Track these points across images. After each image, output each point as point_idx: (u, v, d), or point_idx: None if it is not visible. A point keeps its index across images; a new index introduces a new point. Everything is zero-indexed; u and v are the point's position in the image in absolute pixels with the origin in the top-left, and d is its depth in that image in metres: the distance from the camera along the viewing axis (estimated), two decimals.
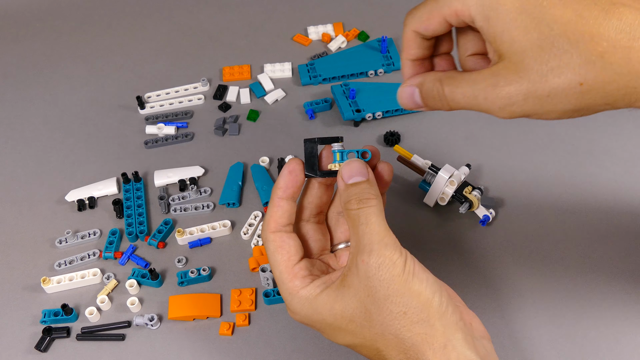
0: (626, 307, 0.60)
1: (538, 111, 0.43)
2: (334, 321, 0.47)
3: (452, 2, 0.44)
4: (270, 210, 0.50)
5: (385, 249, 0.44)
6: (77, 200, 0.72)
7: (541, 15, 0.41)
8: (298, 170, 0.50)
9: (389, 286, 0.44)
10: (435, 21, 0.46)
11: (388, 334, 0.45)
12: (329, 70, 0.83)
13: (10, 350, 0.61)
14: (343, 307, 0.46)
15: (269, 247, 0.50)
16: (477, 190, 0.67)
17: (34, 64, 0.90)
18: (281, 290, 0.49)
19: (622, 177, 0.71)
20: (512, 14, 0.42)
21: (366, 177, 0.47)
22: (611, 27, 0.39)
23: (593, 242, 0.65)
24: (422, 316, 0.44)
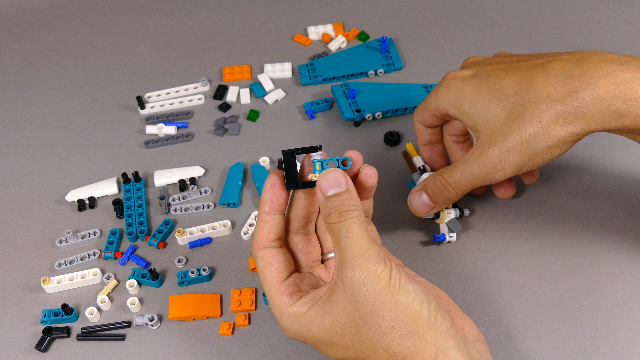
0: (626, 307, 0.60)
1: (525, 159, 0.54)
2: (325, 337, 0.47)
3: (432, 103, 0.61)
4: (258, 226, 0.50)
5: (368, 263, 0.44)
6: (77, 200, 0.72)
7: (494, 88, 0.55)
8: (280, 183, 0.49)
9: (375, 300, 0.44)
10: (427, 115, 0.62)
11: (378, 348, 0.45)
12: (329, 70, 0.83)
13: (10, 350, 0.61)
14: (332, 322, 0.46)
15: (258, 264, 0.50)
16: (457, 209, 0.64)
17: (34, 64, 0.90)
18: (271, 308, 0.50)
19: (622, 176, 0.71)
20: (472, 96, 0.56)
21: (345, 187, 0.46)
22: (549, 76, 0.53)
23: (593, 241, 0.65)
24: (411, 329, 0.44)
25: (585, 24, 0.89)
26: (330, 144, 0.76)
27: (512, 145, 0.53)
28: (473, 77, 0.57)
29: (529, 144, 0.53)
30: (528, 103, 0.53)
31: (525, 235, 0.66)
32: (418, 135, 0.66)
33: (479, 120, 0.55)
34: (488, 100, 0.55)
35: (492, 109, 0.54)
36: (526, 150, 0.53)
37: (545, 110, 0.52)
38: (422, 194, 0.60)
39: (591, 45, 0.67)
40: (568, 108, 0.52)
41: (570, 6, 0.92)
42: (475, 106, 0.55)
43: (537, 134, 0.53)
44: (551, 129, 0.53)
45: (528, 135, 0.53)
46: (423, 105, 0.62)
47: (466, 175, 0.56)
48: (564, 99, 0.52)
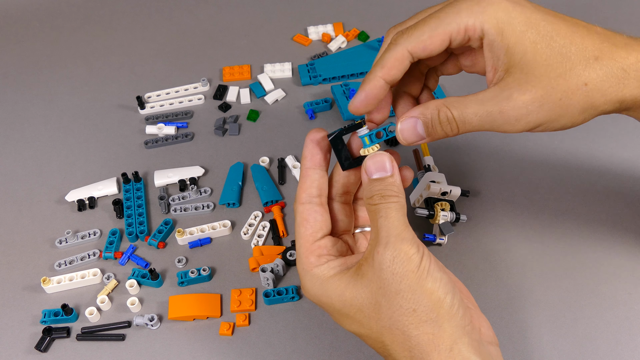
0: (626, 307, 0.61)
1: (552, 117, 0.46)
2: (342, 307, 0.47)
3: (462, 18, 0.45)
4: (300, 181, 0.50)
5: (401, 243, 0.44)
6: (77, 200, 0.72)
7: (546, 29, 0.46)
8: (320, 138, 0.49)
9: (401, 281, 0.44)
10: (439, 39, 0.46)
11: (395, 329, 0.45)
12: (329, 70, 0.83)
13: (10, 350, 0.61)
14: (353, 295, 0.46)
15: (296, 219, 0.49)
16: (454, 213, 0.64)
17: (34, 64, 0.90)
18: (297, 264, 0.49)
19: (622, 176, 0.71)
20: (523, 28, 0.45)
21: (390, 172, 0.46)
22: (593, 37, 0.46)
23: (593, 241, 0.65)
24: (432, 316, 0.44)
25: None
26: None
27: (548, 100, 0.46)
28: (521, 5, 0.46)
29: (565, 103, 0.46)
30: (579, 58, 0.46)
31: (525, 235, 0.66)
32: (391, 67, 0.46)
33: (518, 56, 0.46)
34: (535, 39, 0.46)
35: (540, 50, 0.46)
36: (559, 110, 0.46)
37: (594, 73, 0.46)
38: (418, 122, 0.48)
39: None
40: (614, 80, 0.46)
41: (570, 6, 0.92)
42: (521, 39, 0.46)
43: (578, 95, 0.46)
44: (593, 95, 0.46)
45: (569, 94, 0.46)
46: (435, 25, 0.46)
47: (481, 120, 0.46)
48: (613, 67, 0.46)
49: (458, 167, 0.73)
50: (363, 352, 0.59)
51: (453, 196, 0.65)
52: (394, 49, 0.46)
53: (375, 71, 0.47)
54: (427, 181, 0.64)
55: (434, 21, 0.46)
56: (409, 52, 0.46)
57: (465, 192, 0.66)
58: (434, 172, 0.67)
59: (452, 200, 0.65)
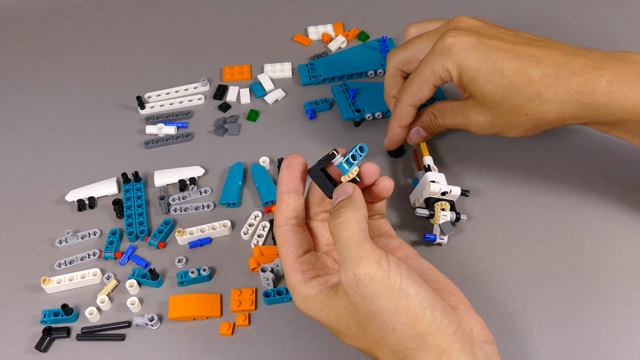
0: (626, 307, 0.60)
1: (502, 131, 0.62)
2: (331, 325, 0.49)
3: (436, 70, 0.60)
4: (277, 205, 0.53)
5: (359, 265, 0.44)
6: (77, 200, 0.72)
7: (496, 68, 0.58)
8: (295, 164, 0.52)
9: (372, 302, 0.44)
10: (427, 90, 0.63)
11: (382, 345, 0.46)
12: (329, 70, 0.83)
13: (10, 350, 0.61)
14: (337, 316, 0.47)
15: (277, 241, 0.52)
16: (454, 213, 0.64)
17: (34, 64, 0.90)
18: (286, 283, 0.52)
19: (622, 176, 0.71)
20: (475, 73, 0.59)
21: (349, 193, 0.49)
22: (542, 71, 0.56)
23: (593, 241, 0.65)
24: (412, 332, 0.44)
25: (585, 24, 0.89)
26: (330, 144, 0.76)
27: (497, 122, 0.61)
28: (475, 49, 0.58)
29: (511, 126, 0.61)
30: (522, 97, 0.58)
31: (525, 235, 0.66)
32: (403, 119, 0.66)
33: (479, 94, 0.60)
34: (486, 80, 0.58)
35: (489, 89, 0.59)
36: (506, 128, 0.61)
37: (534, 106, 0.58)
38: (419, 128, 0.69)
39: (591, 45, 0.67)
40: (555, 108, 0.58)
41: (570, 6, 0.92)
42: (476, 80, 0.59)
43: (523, 123, 0.60)
44: (534, 121, 0.59)
45: (513, 120, 0.60)
46: (421, 81, 0.62)
47: (454, 125, 0.65)
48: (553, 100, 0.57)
49: (458, 167, 0.73)
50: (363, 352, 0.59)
51: (453, 196, 0.65)
52: (400, 106, 0.65)
53: (393, 122, 0.67)
54: (427, 181, 0.65)
55: (418, 76, 0.62)
56: (411, 106, 0.65)
57: (465, 192, 0.66)
58: (434, 172, 0.67)
59: (452, 200, 0.65)
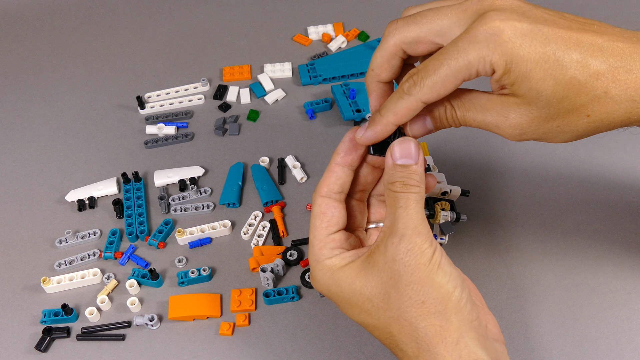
0: (626, 307, 0.60)
1: (547, 137, 0.47)
2: (351, 296, 0.47)
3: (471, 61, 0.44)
4: (325, 174, 0.50)
5: (417, 237, 0.45)
6: (77, 200, 0.72)
7: (557, 60, 0.44)
8: (363, 141, 0.48)
9: (412, 273, 0.45)
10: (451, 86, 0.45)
11: (403, 320, 0.45)
12: (329, 70, 0.83)
13: (10, 350, 0.61)
14: (363, 284, 0.46)
15: (313, 210, 0.50)
16: (454, 213, 0.64)
17: (34, 64, 0.90)
18: (310, 255, 0.50)
19: (622, 176, 0.71)
20: (531, 66, 0.44)
21: (415, 160, 0.47)
22: (608, 62, 0.45)
23: (593, 241, 0.65)
24: (440, 308, 0.45)
25: None
26: (330, 144, 0.76)
27: (547, 124, 0.46)
28: (530, 37, 0.45)
29: (564, 130, 0.47)
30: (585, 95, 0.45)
31: (525, 235, 0.66)
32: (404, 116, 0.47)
33: (524, 89, 0.45)
34: (544, 77, 0.45)
35: (545, 86, 0.45)
36: (556, 132, 0.47)
37: (597, 106, 0.46)
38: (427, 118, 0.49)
39: None
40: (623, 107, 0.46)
41: (570, 6, 0.92)
42: (529, 76, 0.45)
43: (581, 126, 0.47)
44: (595, 124, 0.47)
45: (569, 122, 0.47)
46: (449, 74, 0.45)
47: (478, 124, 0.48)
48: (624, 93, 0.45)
49: (458, 167, 0.73)
50: (363, 352, 0.59)
51: (453, 196, 0.65)
52: (407, 100, 0.46)
53: (388, 117, 0.47)
54: None
55: (446, 64, 0.45)
56: (423, 102, 0.46)
57: (465, 192, 0.66)
58: (434, 172, 0.67)
59: (452, 200, 0.65)
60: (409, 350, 0.45)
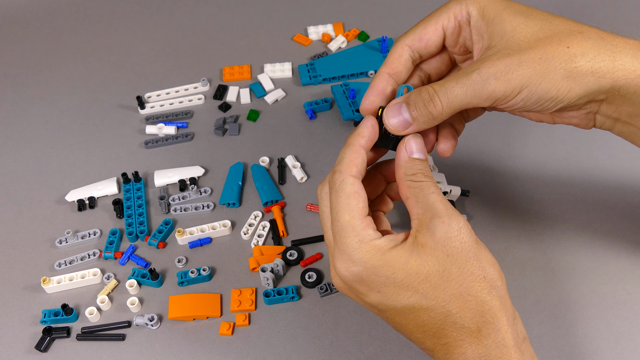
0: (626, 307, 0.60)
1: (532, 76, 0.47)
2: (405, 277, 0.46)
3: (450, 8, 0.51)
4: (350, 155, 0.49)
5: (461, 217, 0.47)
6: (77, 200, 0.72)
7: (525, 8, 0.49)
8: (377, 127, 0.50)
9: (469, 249, 0.46)
10: (432, 28, 0.52)
11: (467, 295, 0.46)
12: (329, 70, 0.83)
13: (10, 350, 0.61)
14: (419, 264, 0.46)
15: (345, 189, 0.48)
16: None
17: (34, 64, 0.90)
18: (346, 237, 0.47)
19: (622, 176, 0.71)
20: (503, 5, 0.50)
21: (426, 156, 0.50)
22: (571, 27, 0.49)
23: (593, 241, 0.65)
24: (498, 284, 0.46)
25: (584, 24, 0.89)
26: (330, 144, 0.76)
27: (527, 58, 0.47)
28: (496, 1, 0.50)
29: (545, 62, 0.47)
30: (559, 29, 0.48)
31: (525, 235, 0.66)
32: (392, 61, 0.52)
33: (497, 33, 0.49)
34: (514, 16, 0.49)
35: (517, 24, 0.49)
36: (540, 68, 0.47)
37: (577, 40, 0.47)
38: (403, 106, 0.50)
39: None
40: (601, 50, 0.48)
41: (570, 6, 0.92)
42: (500, 18, 0.49)
43: (560, 56, 0.47)
44: (577, 59, 0.47)
45: (549, 54, 0.47)
46: (426, 21, 0.52)
47: (460, 84, 0.48)
48: (599, 41, 0.48)
49: (458, 167, 0.73)
50: (363, 352, 0.59)
51: (453, 196, 0.65)
52: (395, 46, 0.52)
53: (381, 68, 0.52)
54: None
55: (427, 17, 0.52)
56: (408, 45, 0.52)
57: (465, 192, 0.66)
58: (434, 172, 0.67)
59: (452, 200, 0.65)
60: (472, 325, 0.46)
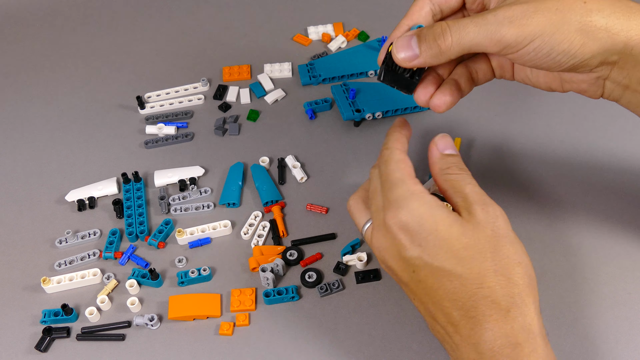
0: (626, 307, 0.60)
1: (547, 27, 0.47)
2: (447, 237, 0.47)
3: None
4: (395, 134, 0.53)
5: (497, 205, 0.49)
6: (77, 200, 0.72)
7: None
8: None
9: (508, 234, 0.48)
10: None
11: (501, 275, 0.47)
12: (329, 70, 0.83)
13: (10, 350, 0.61)
14: (462, 232, 0.47)
15: (394, 157, 0.51)
16: None
17: (34, 64, 0.90)
18: (397, 189, 0.49)
19: (622, 175, 0.71)
20: None
21: (457, 152, 0.53)
22: None
23: (593, 241, 0.65)
24: (531, 273, 0.48)
25: None
26: (330, 144, 0.76)
27: (544, 7, 0.47)
28: None
29: (561, 13, 0.47)
30: None
31: (525, 235, 0.66)
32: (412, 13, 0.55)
33: None
34: None
35: None
36: (555, 18, 0.47)
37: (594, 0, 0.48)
38: (413, 38, 0.51)
39: None
40: (616, 9, 0.48)
41: None
42: None
43: (576, 9, 0.47)
44: (592, 14, 0.48)
45: (566, 5, 0.48)
46: None
47: (474, 23, 0.49)
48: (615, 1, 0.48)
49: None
50: (363, 352, 0.59)
51: None
52: (415, 1, 0.55)
53: (401, 20, 0.55)
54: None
55: None
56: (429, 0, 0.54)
57: None
58: None
59: None
60: (503, 303, 0.46)
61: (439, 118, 0.78)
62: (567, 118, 0.76)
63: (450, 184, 0.50)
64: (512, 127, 0.76)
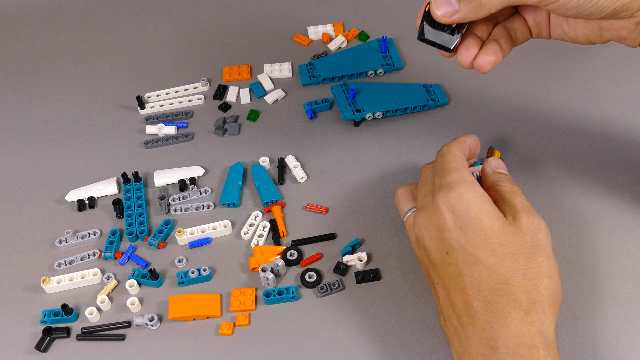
0: (626, 307, 0.60)
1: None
2: (489, 229, 0.49)
3: None
4: (458, 140, 0.57)
5: (542, 219, 0.51)
6: (77, 200, 0.72)
7: None
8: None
9: (546, 247, 0.49)
10: None
11: (527, 280, 0.48)
12: (329, 70, 0.83)
13: (10, 350, 0.61)
14: (501, 229, 0.49)
15: (452, 152, 0.55)
16: None
17: (34, 64, 0.90)
18: (451, 175, 0.52)
19: (622, 175, 0.70)
20: None
21: (506, 171, 0.57)
22: None
23: (593, 241, 0.65)
24: (557, 290, 0.49)
25: None
26: (330, 143, 0.76)
27: None
28: None
29: None
30: None
31: None
32: None
33: None
34: None
35: None
36: None
37: None
38: None
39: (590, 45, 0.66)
40: None
41: None
42: None
43: None
44: None
45: None
46: None
47: None
48: None
49: None
50: (363, 352, 0.59)
51: None
52: None
53: None
54: None
55: None
56: None
57: None
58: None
59: None
60: (524, 304, 0.47)
61: (438, 118, 0.78)
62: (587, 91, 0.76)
63: (501, 193, 0.53)
64: (513, 127, 0.76)
